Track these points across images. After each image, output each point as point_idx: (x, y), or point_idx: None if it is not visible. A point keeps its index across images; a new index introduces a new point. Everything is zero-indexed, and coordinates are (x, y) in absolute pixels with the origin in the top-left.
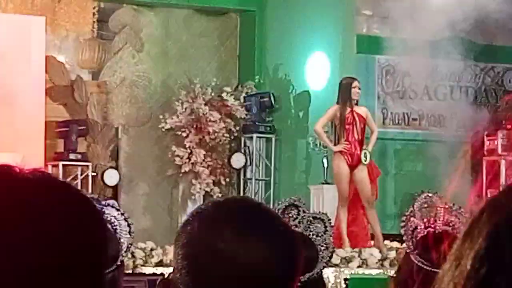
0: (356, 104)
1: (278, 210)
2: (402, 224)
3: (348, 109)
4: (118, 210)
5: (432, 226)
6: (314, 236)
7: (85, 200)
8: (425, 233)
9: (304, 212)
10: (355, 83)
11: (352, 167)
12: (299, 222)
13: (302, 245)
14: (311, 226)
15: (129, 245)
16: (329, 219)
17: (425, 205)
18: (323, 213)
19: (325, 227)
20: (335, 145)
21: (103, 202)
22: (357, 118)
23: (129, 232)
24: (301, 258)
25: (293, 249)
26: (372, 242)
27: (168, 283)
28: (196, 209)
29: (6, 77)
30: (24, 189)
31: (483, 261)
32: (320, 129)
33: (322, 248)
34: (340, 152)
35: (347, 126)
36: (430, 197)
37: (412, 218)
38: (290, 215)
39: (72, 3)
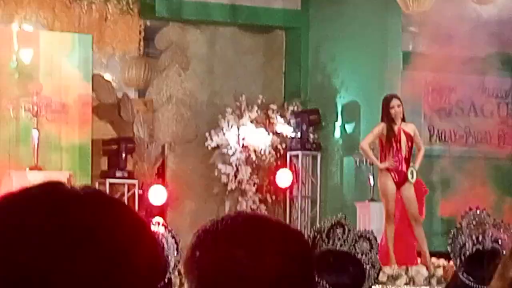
0: (403, 120)
1: (323, 229)
2: (449, 241)
3: (395, 127)
4: (165, 227)
5: (481, 243)
6: (360, 255)
7: (136, 217)
8: (474, 250)
9: (349, 230)
10: (393, 102)
11: (399, 185)
12: (344, 241)
13: (349, 263)
14: (356, 245)
15: (177, 263)
16: (375, 237)
17: (473, 222)
18: (368, 231)
19: (371, 245)
20: (381, 162)
21: (151, 220)
22: (403, 136)
23: (177, 249)
24: (314, 268)
25: (308, 260)
26: (419, 260)
27: None
28: (196, 238)
29: (53, 94)
30: (75, 206)
31: None
32: (366, 146)
33: (368, 266)
34: (387, 169)
35: (394, 144)
36: (478, 214)
37: (459, 236)
38: (336, 234)
39: (119, 21)
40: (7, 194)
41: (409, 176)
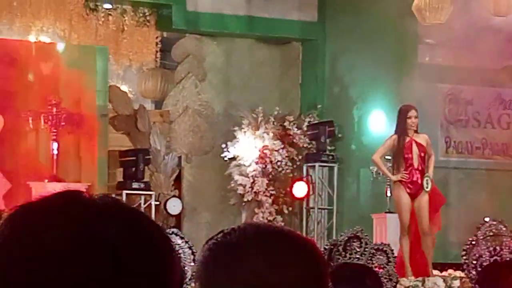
0: (416, 132)
1: (340, 242)
2: (463, 252)
3: (407, 138)
4: (182, 238)
5: (498, 255)
6: (377, 268)
7: (154, 226)
8: (491, 261)
9: (366, 244)
10: (411, 113)
11: (413, 196)
12: (361, 254)
13: (366, 276)
14: (373, 258)
15: (193, 273)
16: (392, 250)
17: (490, 234)
18: (385, 244)
19: (388, 258)
20: (394, 174)
21: (167, 230)
22: (415, 147)
23: (193, 260)
24: (329, 279)
25: (322, 270)
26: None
27: None
28: (209, 251)
29: (71, 106)
30: (93, 214)
31: None
32: (378, 159)
33: (385, 280)
34: (400, 181)
35: (406, 155)
36: (494, 225)
37: (476, 247)
38: (352, 247)
39: (136, 33)
40: (26, 203)
41: (425, 185)
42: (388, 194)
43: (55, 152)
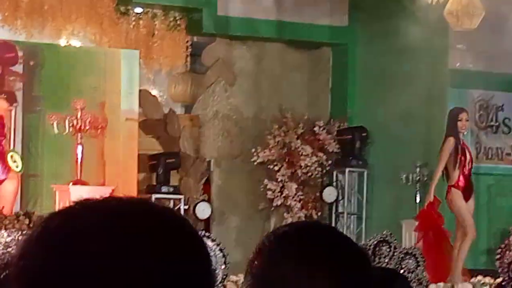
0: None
1: (369, 246)
2: (497, 256)
3: (460, 142)
4: (213, 240)
5: None
6: (406, 272)
7: (188, 226)
8: None
9: (395, 248)
10: (462, 115)
11: (466, 199)
12: (390, 258)
13: (395, 281)
14: (402, 262)
15: (224, 276)
16: (421, 254)
17: None
18: (414, 248)
19: (417, 262)
20: (448, 178)
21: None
22: (466, 150)
23: (225, 262)
24: (371, 283)
25: (361, 276)
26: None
27: None
28: (258, 245)
29: (99, 110)
30: (129, 214)
31: None
32: (440, 172)
33: (415, 284)
34: (454, 186)
35: (461, 159)
36: None
37: (508, 251)
38: (381, 251)
39: (166, 37)
40: (80, 200)
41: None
42: (418, 200)
43: (80, 155)
